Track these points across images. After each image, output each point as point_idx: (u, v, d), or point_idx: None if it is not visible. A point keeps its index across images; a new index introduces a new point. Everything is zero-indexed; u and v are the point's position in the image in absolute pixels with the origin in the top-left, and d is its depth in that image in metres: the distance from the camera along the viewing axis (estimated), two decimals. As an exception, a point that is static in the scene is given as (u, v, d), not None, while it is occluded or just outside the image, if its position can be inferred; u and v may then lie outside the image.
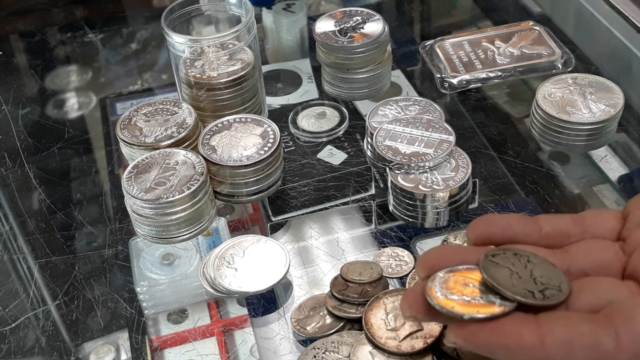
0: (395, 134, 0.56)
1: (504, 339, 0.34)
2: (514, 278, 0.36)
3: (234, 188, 0.55)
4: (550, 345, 0.34)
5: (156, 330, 0.50)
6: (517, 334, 0.34)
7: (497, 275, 0.36)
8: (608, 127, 0.58)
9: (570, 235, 0.40)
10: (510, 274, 0.37)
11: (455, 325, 0.35)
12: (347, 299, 0.48)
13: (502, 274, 0.36)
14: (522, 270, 0.37)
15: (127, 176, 0.53)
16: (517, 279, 0.36)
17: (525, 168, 0.59)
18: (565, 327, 0.34)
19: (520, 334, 0.34)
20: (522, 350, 0.34)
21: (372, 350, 0.45)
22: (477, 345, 0.35)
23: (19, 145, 0.66)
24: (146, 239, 0.54)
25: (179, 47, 0.58)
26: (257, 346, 0.48)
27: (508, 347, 0.34)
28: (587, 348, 0.34)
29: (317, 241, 0.55)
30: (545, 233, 0.40)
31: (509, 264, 0.37)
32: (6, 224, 0.59)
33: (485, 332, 0.34)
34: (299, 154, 0.62)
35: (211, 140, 0.56)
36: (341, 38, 0.63)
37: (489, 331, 0.34)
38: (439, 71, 0.67)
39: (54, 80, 0.75)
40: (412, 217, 0.54)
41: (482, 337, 0.34)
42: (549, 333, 0.34)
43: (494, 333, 0.34)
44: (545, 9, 0.77)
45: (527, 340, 0.34)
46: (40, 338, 0.50)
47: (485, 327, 0.34)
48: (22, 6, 0.85)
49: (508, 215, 0.41)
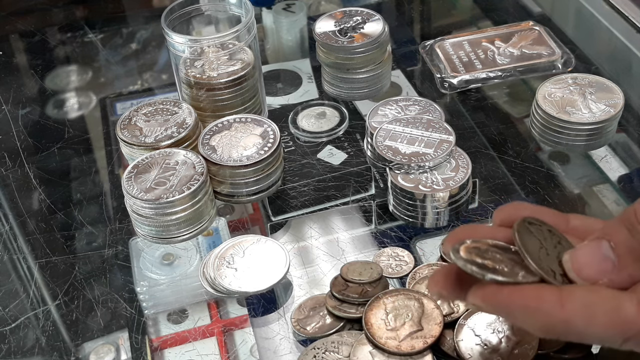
0: (395, 134, 0.56)
1: (523, 299, 0.34)
2: (542, 252, 0.36)
3: (234, 188, 0.55)
4: (570, 307, 0.33)
5: (156, 330, 0.50)
6: (537, 295, 0.34)
7: (528, 243, 0.36)
8: (608, 127, 0.58)
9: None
10: (540, 247, 0.36)
11: (475, 286, 0.35)
12: (347, 299, 0.48)
13: (533, 244, 0.36)
14: (551, 249, 0.37)
15: (127, 176, 0.53)
16: (545, 254, 0.36)
17: (525, 168, 0.59)
18: (587, 291, 0.34)
19: (541, 295, 0.34)
20: (541, 311, 0.33)
21: (372, 350, 0.45)
22: (496, 306, 0.34)
23: (19, 145, 0.66)
24: (146, 239, 0.54)
25: (179, 47, 0.58)
26: (257, 346, 0.48)
27: (527, 308, 0.34)
28: (608, 312, 0.33)
29: (317, 241, 0.55)
30: (573, 226, 0.40)
31: (542, 238, 0.37)
32: (6, 224, 0.59)
33: (505, 293, 0.34)
34: (299, 154, 0.62)
35: (211, 140, 0.56)
36: (341, 38, 0.63)
37: (508, 292, 0.34)
38: (439, 71, 0.67)
39: (54, 80, 0.75)
40: (412, 217, 0.54)
41: (501, 297, 0.34)
42: (569, 296, 0.34)
43: (514, 294, 0.34)
44: (545, 9, 0.77)
45: (547, 302, 0.33)
46: (40, 338, 0.50)
47: (505, 288, 0.34)
48: (22, 6, 0.85)
49: (538, 206, 0.40)
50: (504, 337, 0.44)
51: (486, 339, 0.44)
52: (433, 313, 0.46)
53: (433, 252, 0.53)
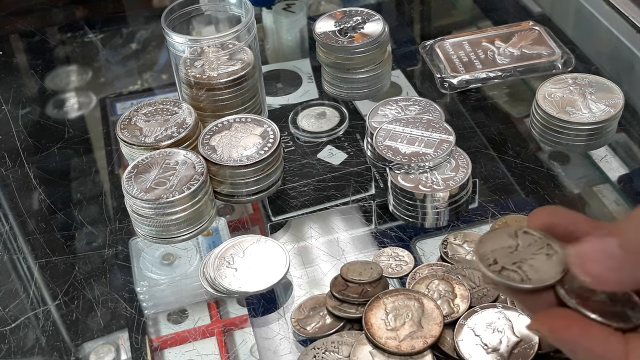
0: (395, 134, 0.56)
1: (590, 343, 0.33)
2: (505, 251, 0.37)
3: (234, 188, 0.55)
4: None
5: (156, 330, 0.50)
6: (605, 341, 0.33)
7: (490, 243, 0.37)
8: (608, 127, 0.58)
9: None
10: (510, 250, 0.37)
11: (545, 313, 0.35)
12: (347, 299, 0.48)
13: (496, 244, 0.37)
14: (525, 251, 0.37)
15: (127, 176, 0.53)
16: (509, 253, 0.37)
17: (525, 168, 0.59)
18: None
19: (608, 342, 0.33)
20: (605, 359, 0.33)
21: (372, 350, 0.45)
22: (561, 341, 0.34)
23: (19, 145, 0.66)
24: (146, 239, 0.54)
25: (179, 47, 0.58)
26: (257, 346, 0.48)
27: (592, 352, 0.33)
28: None
29: (317, 241, 0.55)
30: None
31: (525, 243, 0.37)
32: (6, 224, 0.59)
33: (575, 331, 0.34)
34: (299, 154, 0.62)
35: (211, 140, 0.56)
36: (341, 38, 0.63)
37: (578, 331, 0.34)
38: (439, 71, 0.67)
39: (54, 80, 0.75)
40: (412, 217, 0.54)
41: (569, 334, 0.34)
42: (635, 350, 0.33)
43: (583, 335, 0.34)
44: (545, 9, 0.77)
45: (612, 351, 0.33)
46: (40, 338, 0.50)
47: (576, 325, 0.34)
48: (22, 6, 0.85)
49: (573, 212, 0.39)
50: (504, 337, 0.44)
51: (486, 339, 0.44)
52: (433, 313, 0.46)
53: (433, 252, 0.53)
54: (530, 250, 0.36)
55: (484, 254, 0.36)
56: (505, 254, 0.36)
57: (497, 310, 0.46)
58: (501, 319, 0.45)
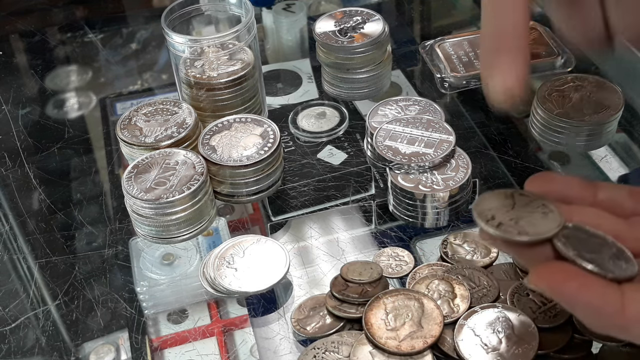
0: (395, 134, 0.56)
1: (588, 295, 0.34)
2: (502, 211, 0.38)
3: (234, 188, 0.55)
4: (630, 313, 0.33)
5: (156, 330, 0.50)
6: (602, 293, 0.34)
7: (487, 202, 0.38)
8: (608, 127, 0.58)
9: (624, 207, 0.40)
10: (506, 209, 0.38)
11: (542, 267, 0.35)
12: (347, 299, 0.48)
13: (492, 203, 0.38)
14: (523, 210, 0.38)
15: (127, 176, 0.53)
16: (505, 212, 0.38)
17: (525, 168, 0.59)
18: None
19: (605, 294, 0.34)
20: (603, 311, 0.34)
21: (372, 350, 0.45)
22: (560, 295, 0.34)
23: (19, 145, 0.66)
24: (146, 239, 0.54)
25: (179, 47, 0.58)
26: (257, 346, 0.48)
27: (590, 305, 0.34)
28: None
29: (317, 241, 0.55)
30: (600, 200, 0.40)
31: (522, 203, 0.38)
32: (6, 224, 0.59)
33: (573, 286, 0.34)
34: (299, 154, 0.62)
35: (211, 140, 0.56)
36: (341, 38, 0.63)
37: (577, 286, 0.34)
38: (439, 71, 0.67)
39: (54, 80, 0.75)
40: (412, 217, 0.54)
41: (568, 288, 0.34)
42: (631, 301, 0.34)
43: (581, 289, 0.34)
44: (545, 9, 0.77)
45: (609, 303, 0.34)
46: (40, 338, 0.50)
47: (574, 280, 0.34)
48: (22, 6, 0.85)
49: (567, 177, 0.41)
50: (504, 337, 0.44)
51: (486, 339, 0.44)
52: (433, 313, 0.46)
53: (433, 252, 0.53)
54: (526, 209, 0.38)
55: (482, 211, 0.37)
56: (503, 211, 0.37)
57: (497, 310, 0.46)
58: (501, 319, 0.45)
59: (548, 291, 0.35)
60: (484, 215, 0.37)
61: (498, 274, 0.50)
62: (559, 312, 0.45)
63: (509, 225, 0.36)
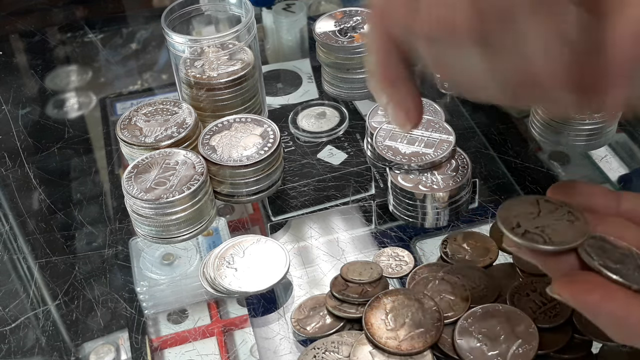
0: (395, 134, 0.56)
1: (612, 306, 0.34)
2: (527, 217, 0.38)
3: (234, 188, 0.55)
4: None
5: (156, 330, 0.50)
6: (627, 304, 0.33)
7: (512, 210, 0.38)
8: (608, 127, 0.58)
9: None
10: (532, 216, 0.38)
11: (566, 277, 0.35)
12: (347, 299, 0.48)
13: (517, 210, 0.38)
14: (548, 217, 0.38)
15: (127, 176, 0.53)
16: (531, 219, 0.37)
17: (525, 168, 0.59)
18: None
19: (630, 305, 0.34)
20: (627, 322, 0.33)
21: (372, 350, 0.45)
22: (583, 306, 0.34)
23: (19, 145, 0.66)
24: (146, 239, 0.54)
25: (179, 47, 0.58)
26: (257, 346, 0.48)
27: (613, 315, 0.34)
28: None
29: (317, 241, 0.55)
30: (624, 210, 0.39)
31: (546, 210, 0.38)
32: (6, 224, 0.59)
33: (597, 296, 0.34)
34: (299, 154, 0.62)
35: (211, 140, 0.56)
36: (341, 38, 0.63)
37: (600, 296, 0.34)
38: (439, 71, 0.67)
39: (54, 80, 0.75)
40: (412, 217, 0.54)
41: (591, 299, 0.34)
42: None
43: (605, 300, 0.34)
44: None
45: (633, 314, 0.33)
46: (40, 338, 0.50)
47: (598, 291, 0.34)
48: (22, 6, 0.85)
49: (591, 185, 0.40)
50: (504, 337, 0.44)
51: (486, 339, 0.44)
52: (433, 313, 0.46)
53: (433, 252, 0.53)
54: (552, 216, 0.37)
55: (506, 218, 0.37)
56: (528, 218, 0.37)
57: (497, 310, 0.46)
58: (501, 319, 0.45)
59: (571, 301, 0.35)
60: (508, 222, 0.37)
61: (498, 274, 0.50)
62: (559, 312, 0.45)
63: (534, 234, 0.36)
